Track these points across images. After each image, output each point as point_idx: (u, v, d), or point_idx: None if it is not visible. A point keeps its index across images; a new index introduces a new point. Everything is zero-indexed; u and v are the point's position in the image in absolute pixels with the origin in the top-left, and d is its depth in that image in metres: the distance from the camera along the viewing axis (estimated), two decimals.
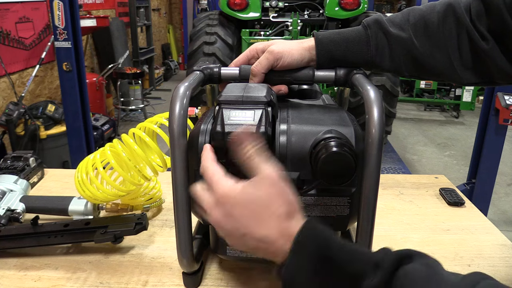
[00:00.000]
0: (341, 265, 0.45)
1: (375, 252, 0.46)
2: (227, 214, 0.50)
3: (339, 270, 0.45)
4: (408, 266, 0.43)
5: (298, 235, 0.47)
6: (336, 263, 0.46)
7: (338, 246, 0.47)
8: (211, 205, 0.52)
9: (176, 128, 0.59)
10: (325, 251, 0.46)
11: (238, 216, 0.50)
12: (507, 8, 0.60)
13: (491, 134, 2.41)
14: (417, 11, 0.70)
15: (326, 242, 0.47)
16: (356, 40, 0.70)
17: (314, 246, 0.47)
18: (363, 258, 0.46)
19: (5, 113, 3.03)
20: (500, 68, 0.63)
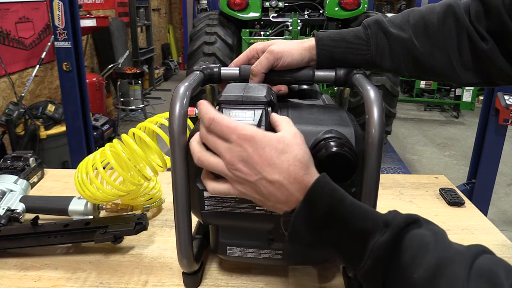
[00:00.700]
0: (351, 220, 0.47)
1: (385, 213, 0.48)
2: (244, 156, 0.51)
3: (348, 224, 0.47)
4: (416, 229, 0.46)
5: (313, 185, 0.49)
6: (346, 218, 0.47)
7: (349, 203, 0.48)
8: (226, 147, 0.52)
9: (176, 128, 0.59)
10: (336, 205, 0.48)
11: (256, 159, 0.50)
12: (506, 9, 0.60)
13: (491, 134, 2.41)
14: (417, 12, 0.70)
15: (338, 197, 0.49)
16: (356, 40, 0.70)
17: (326, 198, 0.48)
18: (373, 217, 0.47)
19: (5, 113, 3.03)
20: (499, 69, 0.63)
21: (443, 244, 0.44)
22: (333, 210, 0.48)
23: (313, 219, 0.49)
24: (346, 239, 0.48)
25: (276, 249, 0.69)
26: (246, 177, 0.51)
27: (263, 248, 0.69)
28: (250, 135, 0.51)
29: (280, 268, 0.77)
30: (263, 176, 0.50)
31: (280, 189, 0.50)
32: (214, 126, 0.52)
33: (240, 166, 0.51)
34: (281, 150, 0.51)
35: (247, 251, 0.70)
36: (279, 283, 0.74)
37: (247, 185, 0.52)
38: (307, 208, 0.49)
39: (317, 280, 0.75)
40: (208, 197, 0.65)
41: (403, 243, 0.45)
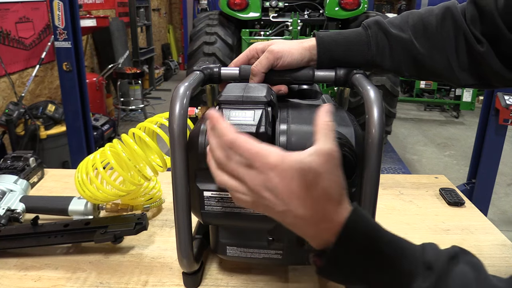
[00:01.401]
0: (389, 261, 0.44)
1: (424, 249, 0.45)
2: (269, 186, 0.45)
3: (386, 265, 0.44)
4: (457, 267, 0.43)
5: (346, 226, 0.44)
6: (384, 258, 0.44)
7: (387, 239, 0.45)
8: (248, 174, 0.46)
9: (176, 128, 0.59)
10: (373, 245, 0.44)
11: (283, 190, 0.44)
12: (499, 14, 0.61)
13: (491, 134, 2.41)
14: (416, 14, 0.71)
15: (374, 236, 0.45)
16: (357, 40, 0.70)
17: (361, 238, 0.44)
18: (413, 256, 0.44)
19: (5, 113, 3.03)
20: (495, 71, 0.64)
21: (484, 282, 0.43)
22: (369, 251, 0.44)
23: (347, 261, 0.45)
24: (385, 279, 0.44)
25: (276, 249, 0.69)
26: (272, 206, 0.46)
27: (263, 248, 0.69)
28: (275, 164, 0.44)
29: (280, 268, 0.77)
30: (289, 209, 0.45)
31: (308, 225, 0.46)
32: (235, 150, 0.47)
33: (266, 194, 0.46)
34: (310, 182, 0.44)
35: (247, 251, 0.70)
36: (279, 283, 0.74)
37: (271, 212, 0.48)
38: (340, 249, 0.45)
39: (317, 280, 0.75)
40: (208, 197, 0.65)
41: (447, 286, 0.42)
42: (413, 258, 0.44)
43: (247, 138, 0.47)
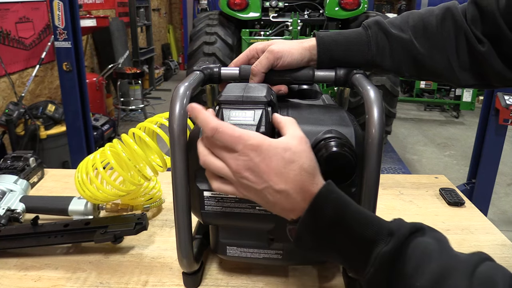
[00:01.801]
0: (355, 229, 0.48)
1: (389, 221, 0.49)
2: (251, 165, 0.50)
3: (352, 232, 0.48)
4: (420, 238, 0.46)
5: (318, 194, 0.49)
6: (350, 226, 0.48)
7: (354, 210, 0.49)
8: (231, 157, 0.51)
9: (176, 128, 0.59)
10: (341, 213, 0.48)
11: (263, 168, 0.50)
12: (500, 14, 0.61)
13: (491, 134, 2.41)
14: (416, 14, 0.71)
15: (343, 205, 0.49)
16: (357, 40, 0.70)
17: (331, 207, 0.49)
18: (377, 225, 0.48)
19: (5, 113, 3.03)
20: (496, 71, 0.64)
21: (446, 253, 0.45)
22: (337, 218, 0.48)
23: (317, 227, 0.49)
24: (350, 246, 0.48)
25: (276, 249, 0.69)
26: (252, 185, 0.51)
27: (263, 248, 0.69)
28: (257, 144, 0.50)
29: (280, 268, 0.77)
30: (269, 185, 0.50)
31: (287, 198, 0.50)
32: (218, 137, 0.51)
33: (246, 174, 0.51)
34: (288, 159, 0.50)
35: (247, 251, 0.70)
36: (279, 283, 0.74)
37: (253, 192, 0.52)
38: (311, 217, 0.49)
39: (317, 280, 0.75)
40: (208, 197, 0.65)
41: (407, 252, 0.45)
42: (378, 227, 0.48)
43: (229, 124, 0.52)
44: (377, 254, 0.46)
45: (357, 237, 0.48)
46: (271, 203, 0.52)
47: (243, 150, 0.50)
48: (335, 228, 0.48)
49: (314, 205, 0.49)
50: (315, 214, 0.49)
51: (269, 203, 0.52)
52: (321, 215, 0.49)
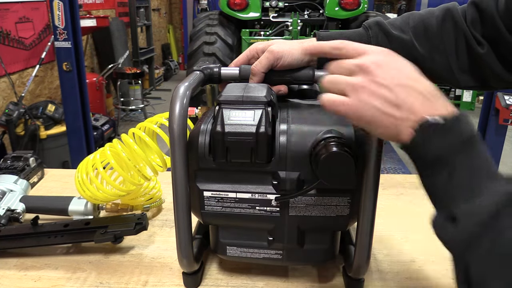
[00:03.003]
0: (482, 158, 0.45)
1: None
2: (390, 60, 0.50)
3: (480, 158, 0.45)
4: None
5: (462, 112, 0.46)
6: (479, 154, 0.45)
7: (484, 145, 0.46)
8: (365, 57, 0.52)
9: (176, 128, 0.59)
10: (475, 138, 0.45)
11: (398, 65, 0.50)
12: (500, 16, 0.61)
13: (491, 134, 2.41)
14: (417, 15, 0.71)
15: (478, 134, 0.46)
16: (358, 41, 0.70)
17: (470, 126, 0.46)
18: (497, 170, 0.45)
19: (5, 113, 3.03)
20: (495, 73, 0.64)
21: None
22: (474, 141, 0.45)
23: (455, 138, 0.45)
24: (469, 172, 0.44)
25: (276, 249, 0.69)
26: (382, 81, 0.48)
27: (263, 248, 0.69)
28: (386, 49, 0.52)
29: (280, 268, 0.77)
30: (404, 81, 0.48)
31: (421, 98, 0.47)
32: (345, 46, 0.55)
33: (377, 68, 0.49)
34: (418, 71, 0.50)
35: (247, 251, 0.70)
36: (279, 283, 0.74)
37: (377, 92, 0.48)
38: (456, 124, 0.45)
39: (317, 280, 0.75)
40: (208, 197, 0.65)
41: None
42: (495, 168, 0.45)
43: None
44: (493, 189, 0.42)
45: (482, 167, 0.44)
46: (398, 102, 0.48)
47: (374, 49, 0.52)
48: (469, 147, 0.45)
49: (462, 115, 0.46)
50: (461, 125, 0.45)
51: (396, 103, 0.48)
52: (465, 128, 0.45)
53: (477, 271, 0.41)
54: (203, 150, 0.62)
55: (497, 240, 0.40)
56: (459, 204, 0.43)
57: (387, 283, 0.75)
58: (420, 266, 0.79)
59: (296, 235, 0.66)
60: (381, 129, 0.50)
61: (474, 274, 0.41)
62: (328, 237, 0.69)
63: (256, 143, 0.59)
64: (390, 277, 0.77)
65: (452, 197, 0.45)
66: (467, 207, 0.43)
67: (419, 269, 0.79)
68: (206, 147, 0.62)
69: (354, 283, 0.71)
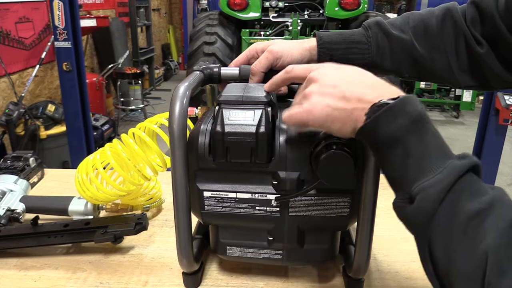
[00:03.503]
0: (433, 137, 0.47)
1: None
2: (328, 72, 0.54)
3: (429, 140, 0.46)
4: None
5: (410, 95, 0.49)
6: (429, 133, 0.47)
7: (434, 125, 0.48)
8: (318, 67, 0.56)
9: (176, 128, 0.59)
10: (424, 118, 0.47)
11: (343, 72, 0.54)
12: (500, 16, 0.61)
13: (491, 134, 2.41)
14: (417, 15, 0.71)
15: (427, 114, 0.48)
16: (357, 40, 0.70)
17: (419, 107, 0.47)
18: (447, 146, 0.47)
19: (5, 113, 3.03)
20: (494, 73, 0.64)
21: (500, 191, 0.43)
22: (423, 122, 0.47)
23: (403, 117, 0.47)
24: (421, 152, 0.46)
25: (276, 249, 0.69)
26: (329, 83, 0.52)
27: (263, 248, 0.69)
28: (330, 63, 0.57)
29: (280, 268, 0.77)
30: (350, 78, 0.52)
31: (367, 89, 0.51)
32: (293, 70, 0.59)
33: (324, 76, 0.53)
34: (362, 71, 0.54)
35: (247, 251, 0.70)
36: (279, 283, 0.74)
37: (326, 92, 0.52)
38: (403, 105, 0.47)
39: (317, 280, 0.76)
40: (208, 197, 0.65)
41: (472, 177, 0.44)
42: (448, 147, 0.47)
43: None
44: (449, 164, 0.44)
45: (433, 146, 0.46)
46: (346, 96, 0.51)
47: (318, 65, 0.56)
48: (418, 127, 0.46)
49: (408, 98, 0.48)
50: (408, 105, 0.47)
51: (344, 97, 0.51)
52: (413, 108, 0.47)
53: (439, 246, 0.43)
54: (203, 150, 0.62)
55: (454, 213, 0.42)
56: (415, 183, 0.45)
57: (387, 283, 0.75)
58: (420, 266, 0.79)
59: (296, 235, 0.66)
60: (339, 123, 0.52)
61: (436, 250, 0.43)
62: (328, 237, 0.69)
63: (256, 143, 0.59)
64: (390, 277, 0.77)
65: (408, 177, 0.46)
66: (422, 185, 0.44)
67: (419, 269, 0.78)
68: (206, 147, 0.62)
69: (354, 283, 0.71)
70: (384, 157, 0.49)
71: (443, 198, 0.42)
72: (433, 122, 0.48)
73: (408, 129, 0.46)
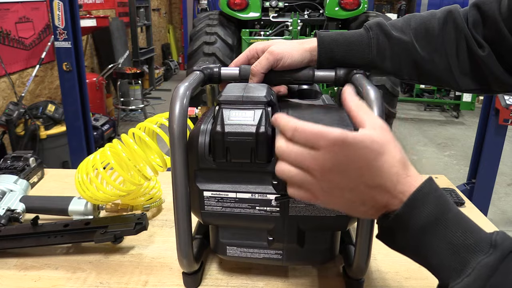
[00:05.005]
0: (455, 233, 0.44)
1: (491, 233, 0.45)
2: (337, 163, 0.46)
3: (450, 237, 0.44)
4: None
5: (418, 189, 0.45)
6: (450, 230, 0.44)
7: (456, 214, 0.45)
8: (313, 156, 0.46)
9: (176, 128, 0.59)
10: (442, 214, 0.45)
11: (352, 164, 0.46)
12: (502, 18, 0.61)
13: (491, 134, 2.41)
14: (418, 17, 0.71)
15: (445, 204, 0.45)
16: (358, 41, 0.70)
17: (433, 205, 0.45)
18: (478, 234, 0.44)
19: (5, 113, 3.03)
20: (495, 76, 0.64)
21: None
22: (437, 219, 0.44)
23: (413, 224, 0.45)
24: (445, 251, 0.44)
25: (276, 249, 0.69)
26: (338, 185, 0.47)
27: (263, 248, 0.69)
28: (341, 139, 0.45)
29: (280, 268, 0.77)
30: (362, 181, 0.46)
31: (381, 193, 0.46)
32: (298, 135, 0.47)
33: (332, 175, 0.46)
34: (378, 151, 0.45)
35: (247, 251, 0.70)
36: (279, 283, 0.74)
37: (337, 193, 0.48)
38: (408, 212, 0.45)
39: (317, 280, 0.76)
40: (208, 197, 0.65)
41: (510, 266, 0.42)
42: (479, 236, 0.44)
43: (308, 123, 0.47)
44: (477, 264, 0.42)
45: (455, 243, 0.44)
46: (361, 202, 0.47)
47: (326, 147, 0.45)
48: (432, 229, 0.44)
49: (414, 200, 0.45)
50: (413, 210, 0.45)
51: (356, 203, 0.48)
52: (420, 212, 0.44)
53: None
54: (203, 150, 0.62)
55: None
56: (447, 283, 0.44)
57: (387, 283, 0.75)
58: (420, 266, 0.79)
59: (296, 235, 0.66)
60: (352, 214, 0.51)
61: None
62: (328, 237, 0.69)
63: (256, 143, 0.59)
64: (390, 277, 0.77)
65: (439, 276, 0.46)
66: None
67: (419, 269, 0.78)
68: (206, 147, 0.62)
69: (354, 283, 0.71)
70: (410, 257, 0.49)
71: None
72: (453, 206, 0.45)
73: (423, 233, 0.45)
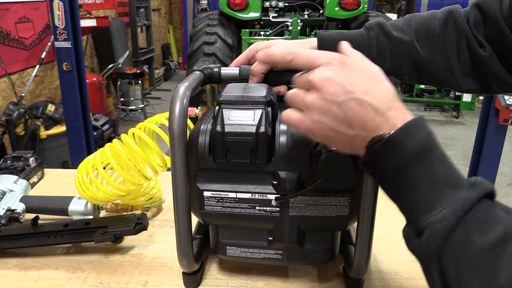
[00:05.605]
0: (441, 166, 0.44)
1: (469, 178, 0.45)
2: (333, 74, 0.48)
3: (436, 169, 0.44)
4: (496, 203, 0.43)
5: (415, 119, 0.46)
6: (437, 161, 0.44)
7: (442, 150, 0.45)
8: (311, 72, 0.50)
9: (176, 128, 0.59)
10: (432, 145, 0.45)
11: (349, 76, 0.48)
12: (503, 18, 0.61)
13: (491, 134, 2.41)
14: (419, 17, 0.70)
15: (435, 139, 0.45)
16: (358, 41, 0.70)
17: (425, 134, 0.45)
18: (460, 174, 0.44)
19: (5, 113, 3.04)
20: (497, 76, 0.64)
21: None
22: (424, 151, 0.44)
23: (402, 150, 0.45)
24: (426, 184, 0.44)
25: (276, 249, 0.69)
26: (332, 98, 0.47)
27: (263, 248, 0.69)
28: (339, 56, 0.49)
29: (280, 268, 0.77)
30: (354, 96, 0.46)
31: (373, 113, 0.46)
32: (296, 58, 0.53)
33: (327, 85, 0.47)
34: (374, 75, 0.49)
35: (247, 251, 0.70)
36: (279, 283, 0.74)
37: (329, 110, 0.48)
38: (402, 138, 0.45)
39: (317, 280, 0.76)
40: (208, 197, 0.65)
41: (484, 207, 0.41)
42: (460, 174, 0.44)
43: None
44: (455, 198, 0.42)
45: (437, 177, 0.44)
46: (348, 120, 0.47)
47: (325, 60, 0.49)
48: (418, 159, 0.44)
49: (409, 126, 0.45)
50: (407, 136, 0.45)
51: (346, 121, 0.47)
52: (412, 140, 0.44)
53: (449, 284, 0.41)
54: (203, 150, 0.62)
55: (463, 250, 0.40)
56: (423, 216, 0.43)
57: (387, 283, 0.75)
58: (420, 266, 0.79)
59: (296, 235, 0.66)
60: (337, 144, 0.51)
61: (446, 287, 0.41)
62: (328, 237, 0.69)
63: (256, 143, 0.59)
64: (390, 277, 0.77)
65: (416, 209, 0.45)
66: (428, 221, 0.42)
67: (419, 269, 0.78)
68: (206, 147, 0.62)
69: (354, 283, 0.71)
70: (388, 189, 0.48)
71: (450, 235, 0.41)
72: (440, 145, 0.46)
73: (410, 161, 0.44)
